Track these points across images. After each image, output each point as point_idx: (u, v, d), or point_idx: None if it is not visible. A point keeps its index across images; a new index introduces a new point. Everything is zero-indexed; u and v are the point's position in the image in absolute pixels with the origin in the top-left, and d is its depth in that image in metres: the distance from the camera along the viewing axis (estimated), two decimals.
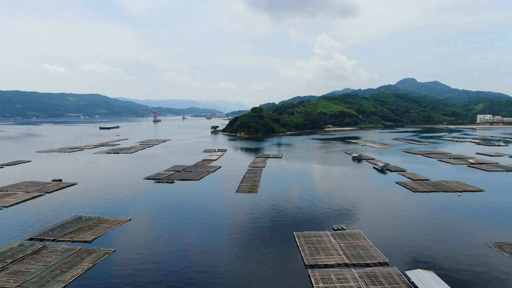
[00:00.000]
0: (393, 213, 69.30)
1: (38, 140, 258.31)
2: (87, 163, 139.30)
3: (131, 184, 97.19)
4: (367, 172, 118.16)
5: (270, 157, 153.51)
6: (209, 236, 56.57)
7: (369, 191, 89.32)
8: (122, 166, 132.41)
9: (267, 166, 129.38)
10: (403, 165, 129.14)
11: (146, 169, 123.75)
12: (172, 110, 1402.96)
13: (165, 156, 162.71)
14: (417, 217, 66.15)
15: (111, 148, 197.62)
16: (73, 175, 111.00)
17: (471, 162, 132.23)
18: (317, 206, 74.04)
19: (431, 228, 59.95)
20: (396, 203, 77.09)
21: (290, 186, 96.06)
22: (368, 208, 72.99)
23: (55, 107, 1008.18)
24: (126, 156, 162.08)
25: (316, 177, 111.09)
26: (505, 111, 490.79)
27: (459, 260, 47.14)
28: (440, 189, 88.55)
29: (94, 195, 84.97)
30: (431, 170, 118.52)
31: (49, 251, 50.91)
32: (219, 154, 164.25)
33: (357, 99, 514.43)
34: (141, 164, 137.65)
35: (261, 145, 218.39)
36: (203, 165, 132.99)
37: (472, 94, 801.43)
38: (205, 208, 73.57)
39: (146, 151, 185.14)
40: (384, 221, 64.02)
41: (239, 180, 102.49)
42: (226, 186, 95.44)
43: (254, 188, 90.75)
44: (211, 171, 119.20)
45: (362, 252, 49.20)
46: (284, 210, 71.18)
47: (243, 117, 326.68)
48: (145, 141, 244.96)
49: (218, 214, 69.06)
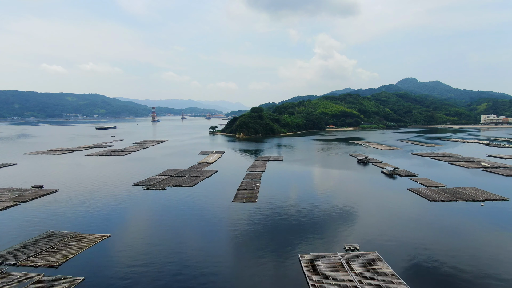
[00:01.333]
0: (411, 227, 60.55)
1: (30, 141, 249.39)
2: (75, 167, 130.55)
3: (118, 192, 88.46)
4: (375, 177, 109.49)
5: (270, 160, 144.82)
6: (198, 261, 47.84)
7: (380, 200, 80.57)
8: (112, 170, 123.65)
9: (267, 170, 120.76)
10: (412, 168, 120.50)
11: (137, 173, 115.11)
12: (172, 110, 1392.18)
13: (159, 158, 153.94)
14: (439, 233, 57.42)
15: (103, 149, 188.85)
16: (57, 181, 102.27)
17: (485, 166, 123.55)
18: (323, 219, 65.34)
19: (460, 246, 51.22)
20: (412, 215, 68.36)
21: (292, 193, 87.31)
22: (382, 222, 64.25)
23: (54, 107, 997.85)
24: (118, 159, 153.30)
25: (320, 183, 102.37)
26: (509, 111, 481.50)
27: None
28: (458, 197, 79.85)
29: (74, 205, 76.17)
30: (444, 175, 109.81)
31: (4, 279, 42.18)
32: (217, 157, 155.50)
33: (358, 99, 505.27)
34: (132, 167, 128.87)
35: (261, 147, 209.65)
36: (198, 169, 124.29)
37: (474, 94, 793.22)
38: (197, 222, 64.84)
39: (140, 153, 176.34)
40: (402, 238, 55.25)
41: (237, 187, 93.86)
42: (222, 194, 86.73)
43: (253, 197, 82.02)
44: (207, 176, 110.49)
45: (382, 284, 40.42)
46: (286, 224, 62.48)
47: (242, 117, 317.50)
48: (140, 142, 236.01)
49: (211, 231, 60.31)
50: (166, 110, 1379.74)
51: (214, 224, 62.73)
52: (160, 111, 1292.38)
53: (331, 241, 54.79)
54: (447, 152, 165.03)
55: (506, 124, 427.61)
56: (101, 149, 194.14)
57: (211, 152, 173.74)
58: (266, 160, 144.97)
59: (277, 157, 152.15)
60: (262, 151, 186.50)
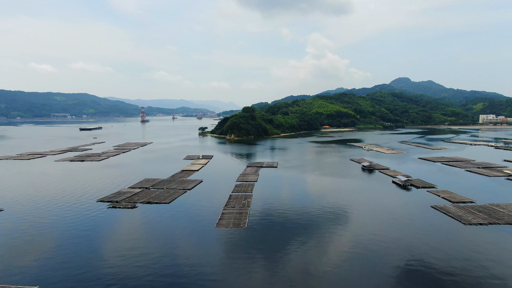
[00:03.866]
0: (458, 269, 44.46)
1: (3, 144, 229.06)
2: (37, 176, 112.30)
3: (75, 211, 71.02)
4: (386, 188, 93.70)
5: (263, 167, 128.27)
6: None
7: (403, 224, 64.20)
8: (80, 180, 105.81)
9: (260, 180, 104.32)
10: (426, 177, 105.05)
11: (107, 184, 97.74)
12: (163, 110, 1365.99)
13: (138, 165, 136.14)
14: (496, 279, 41.49)
15: (78, 154, 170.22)
16: (6, 196, 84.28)
17: (509, 174, 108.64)
18: (335, 259, 48.93)
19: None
20: (448, 246, 52.14)
21: (290, 212, 70.67)
22: (416, 260, 48.00)
23: (41, 106, 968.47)
24: (91, 165, 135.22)
25: (322, 197, 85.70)
26: (507, 111, 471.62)
27: None
28: (499, 218, 64.04)
29: (8, 235, 58.55)
30: (466, 186, 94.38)
31: None
32: (203, 163, 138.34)
33: (354, 99, 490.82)
34: (104, 177, 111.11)
35: (253, 150, 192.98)
36: (180, 178, 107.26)
37: (467, 93, 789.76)
38: (164, 267, 47.89)
39: (118, 158, 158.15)
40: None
41: (223, 203, 77.20)
42: (203, 214, 69.88)
43: (242, 219, 65.28)
44: (189, 188, 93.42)
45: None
46: (284, 266, 45.92)
47: (233, 118, 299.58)
48: (122, 145, 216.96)
49: (180, 282, 43.45)
50: (158, 110, 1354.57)
51: (185, 271, 45.85)
52: (151, 111, 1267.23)
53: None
54: (457, 156, 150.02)
55: (505, 124, 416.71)
56: (77, 153, 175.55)
57: (197, 157, 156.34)
58: (259, 166, 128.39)
59: (271, 163, 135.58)
60: (254, 155, 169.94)
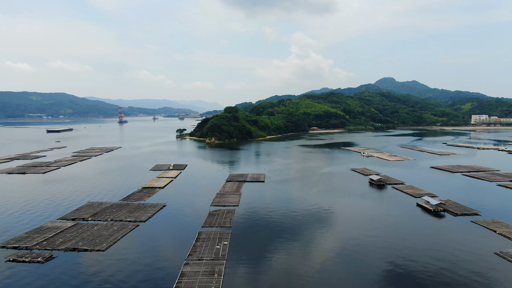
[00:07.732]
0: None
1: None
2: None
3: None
4: (411, 214, 70.09)
5: (247, 181, 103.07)
6: None
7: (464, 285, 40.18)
8: (3, 203, 77.90)
9: (242, 202, 79.27)
10: (456, 196, 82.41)
11: (31, 212, 70.73)
12: (144, 110, 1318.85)
13: (89, 180, 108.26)
14: None
15: (26, 163, 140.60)
16: None
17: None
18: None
19: None
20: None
21: (283, 263, 45.47)
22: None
23: (15, 106, 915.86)
24: (31, 180, 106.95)
25: (328, 231, 61.03)
26: (497, 111, 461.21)
27: None
28: None
29: None
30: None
31: None
32: (172, 176, 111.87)
33: (342, 98, 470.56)
34: (35, 199, 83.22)
35: (236, 156, 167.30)
36: (137, 200, 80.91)
37: (452, 93, 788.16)
38: None
39: (70, 168, 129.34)
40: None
41: (189, 247, 51.73)
42: (155, 272, 44.07)
43: (214, 282, 39.85)
44: (143, 218, 67.02)
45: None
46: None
47: (214, 119, 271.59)
48: (83, 150, 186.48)
49: None
50: (139, 110, 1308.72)
51: None
52: (132, 111, 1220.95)
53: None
54: (475, 165, 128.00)
55: (498, 125, 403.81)
56: (25, 161, 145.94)
57: (167, 167, 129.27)
58: (242, 181, 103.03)
59: (256, 176, 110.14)
60: (236, 163, 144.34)
